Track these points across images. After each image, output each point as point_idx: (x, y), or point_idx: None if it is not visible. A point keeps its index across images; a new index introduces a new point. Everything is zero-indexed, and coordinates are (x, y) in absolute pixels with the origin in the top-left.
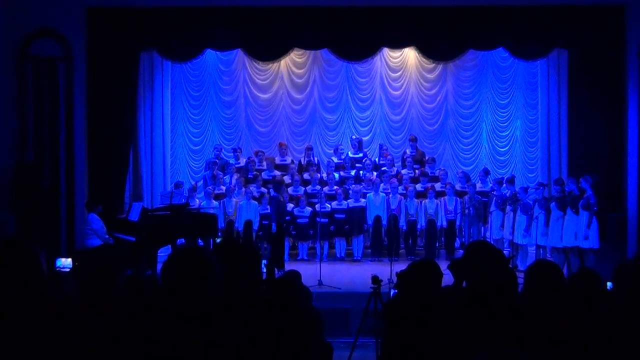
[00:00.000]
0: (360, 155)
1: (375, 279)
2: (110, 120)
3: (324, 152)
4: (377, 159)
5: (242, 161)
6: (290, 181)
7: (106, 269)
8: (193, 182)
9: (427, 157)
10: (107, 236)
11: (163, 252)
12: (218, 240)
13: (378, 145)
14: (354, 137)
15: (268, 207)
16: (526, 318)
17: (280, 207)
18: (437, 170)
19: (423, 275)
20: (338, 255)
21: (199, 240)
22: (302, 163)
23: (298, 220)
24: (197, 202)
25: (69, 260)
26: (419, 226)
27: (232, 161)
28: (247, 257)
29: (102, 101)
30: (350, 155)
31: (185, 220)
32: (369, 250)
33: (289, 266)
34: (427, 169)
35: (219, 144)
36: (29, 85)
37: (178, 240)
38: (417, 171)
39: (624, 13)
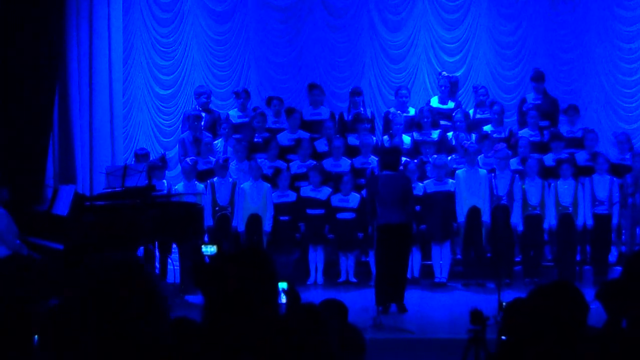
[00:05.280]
0: (452, 105)
1: (477, 316)
2: (22, 51)
3: (383, 99)
4: (472, 111)
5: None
6: (326, 149)
7: (17, 296)
8: (161, 152)
9: (563, 107)
10: (18, 241)
11: None
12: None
13: (472, 88)
14: (443, 73)
15: (289, 192)
16: None
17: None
18: (580, 131)
19: (554, 308)
20: (408, 276)
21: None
22: (346, 118)
23: (339, 216)
24: (165, 185)
25: None
26: (546, 225)
27: (233, 114)
28: (254, 277)
29: (8, 22)
30: (436, 104)
31: (148, 215)
32: (460, 268)
33: (325, 294)
34: (563, 128)
35: (204, 86)
36: None
37: (137, 249)
38: (544, 132)
39: None
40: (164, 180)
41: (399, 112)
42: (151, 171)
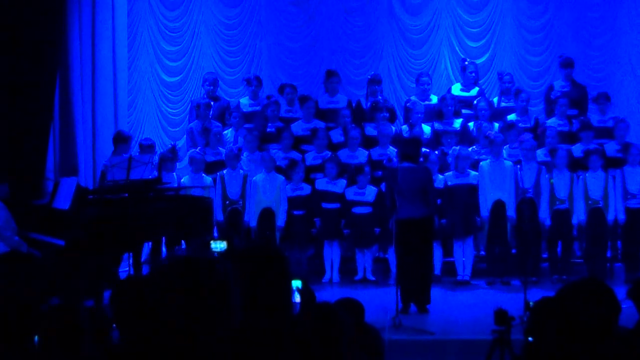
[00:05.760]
0: (474, 92)
1: (501, 316)
2: (21, 37)
3: (402, 86)
4: (496, 100)
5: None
6: (341, 139)
7: (16, 295)
8: (171, 143)
9: (592, 95)
10: (17, 237)
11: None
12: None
13: (497, 75)
14: (467, 62)
15: (304, 185)
16: None
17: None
18: (611, 120)
19: (583, 307)
20: None
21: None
22: (364, 106)
23: (354, 210)
24: (175, 177)
25: None
26: (574, 221)
27: (244, 102)
28: (267, 275)
29: (5, 7)
30: (458, 92)
31: (155, 209)
32: (484, 265)
33: (341, 292)
34: (593, 117)
35: (209, 73)
36: None
37: (142, 244)
38: (573, 121)
39: None
40: (174, 173)
41: (416, 99)
42: (162, 163)
